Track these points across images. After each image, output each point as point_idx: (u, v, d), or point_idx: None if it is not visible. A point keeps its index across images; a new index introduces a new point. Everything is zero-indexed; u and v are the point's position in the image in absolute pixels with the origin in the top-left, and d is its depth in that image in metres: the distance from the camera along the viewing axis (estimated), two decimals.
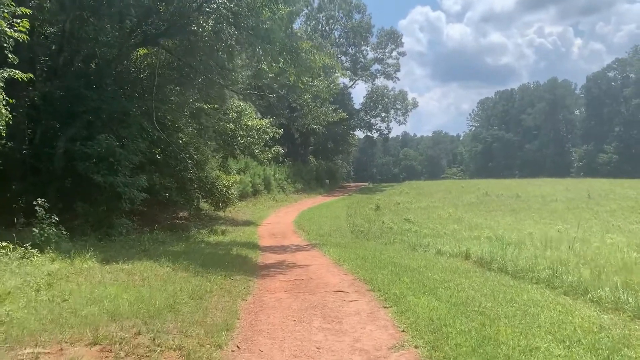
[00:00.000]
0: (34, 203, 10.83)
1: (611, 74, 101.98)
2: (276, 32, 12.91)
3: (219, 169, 24.90)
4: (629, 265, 9.24)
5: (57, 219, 10.81)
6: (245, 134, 25.96)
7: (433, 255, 12.91)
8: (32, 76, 9.34)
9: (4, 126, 9.43)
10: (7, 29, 8.92)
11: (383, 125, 68.36)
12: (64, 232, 11.05)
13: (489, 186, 46.08)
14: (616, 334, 5.53)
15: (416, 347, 5.28)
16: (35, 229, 10.43)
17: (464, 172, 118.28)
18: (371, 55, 64.69)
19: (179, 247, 13.60)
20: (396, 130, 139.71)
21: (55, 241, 10.56)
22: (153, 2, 14.68)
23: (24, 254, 9.21)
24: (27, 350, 4.50)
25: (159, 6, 15.02)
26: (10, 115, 9.59)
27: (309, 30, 55.40)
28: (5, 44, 9.05)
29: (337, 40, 62.61)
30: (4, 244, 9.17)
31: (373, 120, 67.47)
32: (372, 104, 65.78)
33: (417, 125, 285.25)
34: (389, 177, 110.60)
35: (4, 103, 9.28)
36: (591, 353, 4.93)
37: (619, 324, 6.00)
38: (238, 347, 5.36)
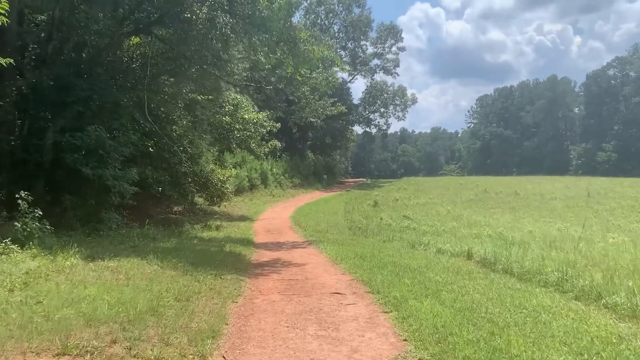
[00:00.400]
0: (16, 196, 10.31)
1: (611, 72, 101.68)
2: (273, 21, 12.37)
3: (214, 163, 24.41)
4: None
5: (40, 212, 10.27)
6: (241, 127, 25.42)
7: (433, 254, 12.45)
8: (11, 61, 8.78)
9: None
10: None
11: (382, 121, 68.01)
12: (48, 227, 10.52)
13: (487, 183, 45.76)
14: (638, 345, 5.07)
15: (420, 359, 4.81)
16: (17, 223, 9.91)
17: (462, 169, 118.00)
18: (370, 50, 64.25)
19: (170, 243, 13.10)
20: (394, 127, 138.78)
21: (38, 236, 10.04)
22: None
23: (2, 250, 8.71)
24: None
25: None
26: None
27: (308, 24, 54.81)
28: None
29: (337, 35, 61.95)
30: None
31: (372, 116, 67.02)
32: (371, 99, 65.25)
33: (416, 121, 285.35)
34: (387, 173, 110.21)
35: None
36: None
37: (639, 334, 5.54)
38: (224, 357, 4.87)
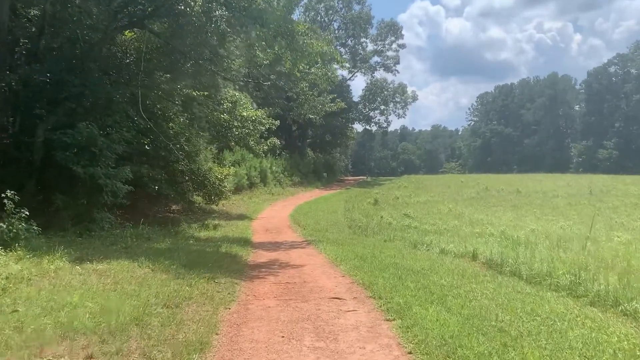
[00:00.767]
0: (2, 195, 9.88)
1: (612, 70, 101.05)
2: (270, 13, 11.94)
3: (213, 161, 23.99)
4: None
5: (27, 213, 9.84)
6: (240, 124, 24.96)
7: (437, 254, 12.03)
8: None
9: None
10: None
11: (382, 119, 67.50)
12: (35, 228, 10.09)
13: (488, 181, 45.40)
14: None
15: None
16: (2, 224, 9.49)
17: (463, 166, 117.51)
18: (370, 47, 63.75)
19: (165, 243, 12.67)
20: (395, 124, 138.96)
21: (25, 237, 9.63)
22: None
23: None
24: None
25: None
26: None
27: (307, 21, 54.31)
28: None
29: (336, 32, 61.45)
30: None
31: (372, 113, 66.54)
32: (371, 96, 64.77)
33: (416, 119, 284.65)
34: (387, 171, 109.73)
35: None
36: None
37: None
38: None
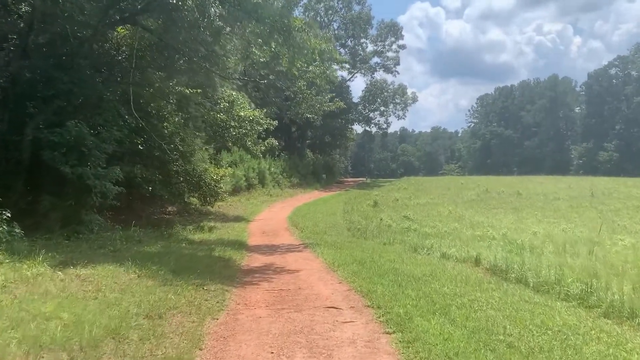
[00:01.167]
0: None
1: (613, 72, 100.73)
2: (265, 8, 11.49)
3: (210, 162, 23.55)
4: None
5: (9, 215, 9.40)
6: (237, 125, 24.53)
7: (437, 259, 11.58)
8: None
9: None
10: None
11: (382, 120, 66.90)
12: (17, 230, 9.64)
13: (488, 183, 45.09)
14: None
15: None
16: None
17: (462, 168, 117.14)
18: (370, 48, 63.22)
19: (156, 247, 12.20)
20: (394, 126, 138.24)
21: (6, 241, 9.19)
22: None
23: None
24: None
25: None
26: None
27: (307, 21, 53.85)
28: None
29: (336, 32, 60.98)
30: None
31: (372, 115, 65.94)
32: (371, 97, 64.23)
33: (416, 121, 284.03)
34: (386, 173, 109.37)
35: None
36: None
37: None
38: None
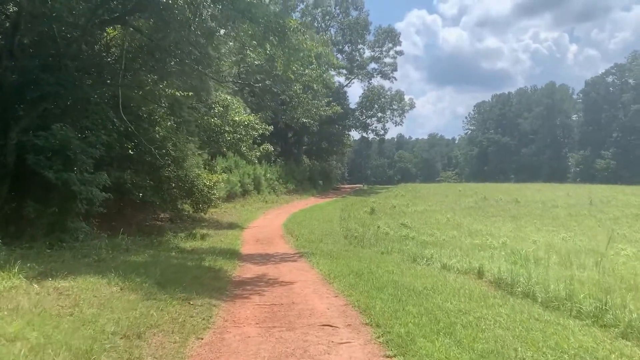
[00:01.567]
0: None
1: (610, 79, 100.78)
2: (259, 7, 11.04)
3: (204, 167, 23.05)
4: None
5: None
6: (231, 129, 24.05)
7: (438, 270, 11.09)
8: None
9: None
10: None
11: (379, 126, 66.51)
12: None
13: (486, 190, 44.79)
14: None
15: None
16: None
17: (459, 175, 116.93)
18: (368, 54, 63.03)
19: (143, 256, 11.63)
20: (391, 133, 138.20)
21: None
22: None
23: None
24: None
25: None
26: None
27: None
28: None
29: (334, 38, 60.72)
30: None
31: (369, 121, 65.56)
32: (368, 103, 63.86)
33: (413, 128, 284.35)
34: (383, 179, 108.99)
35: None
36: None
37: None
38: None
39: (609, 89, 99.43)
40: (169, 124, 18.41)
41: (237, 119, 24.00)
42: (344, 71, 61.13)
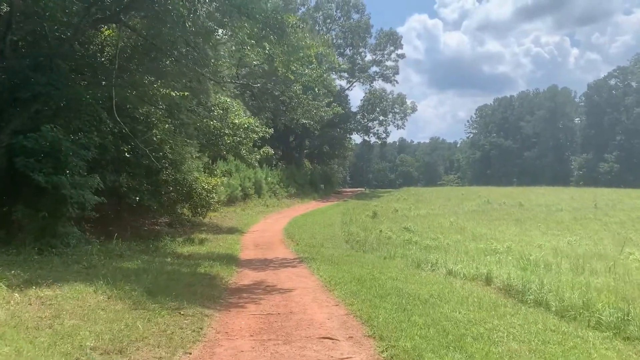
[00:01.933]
0: None
1: (612, 82, 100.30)
2: (255, 3, 10.61)
3: (203, 170, 22.61)
4: None
5: None
6: (231, 132, 23.62)
7: (444, 277, 10.64)
8: None
9: None
10: None
11: (381, 129, 65.95)
12: None
13: (489, 194, 44.41)
14: None
15: None
16: None
17: (461, 179, 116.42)
18: (369, 57, 62.62)
19: (136, 262, 11.17)
20: (393, 136, 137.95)
21: None
22: None
23: None
24: None
25: None
26: None
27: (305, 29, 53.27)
28: None
29: (335, 41, 60.36)
30: None
31: (370, 124, 65.05)
32: (369, 107, 63.36)
33: (414, 132, 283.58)
34: (385, 183, 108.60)
35: None
36: None
37: None
38: None
39: (611, 92, 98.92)
40: (166, 126, 17.98)
41: (236, 121, 23.58)
42: (345, 74, 60.82)
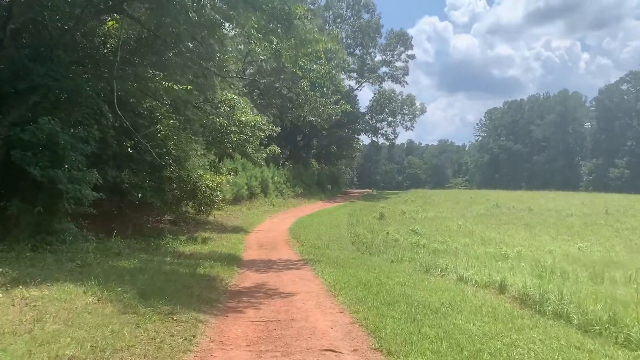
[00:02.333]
0: None
1: (624, 87, 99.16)
2: None
3: (208, 168, 22.20)
4: None
5: None
6: (238, 130, 23.21)
7: (454, 283, 10.13)
8: None
9: None
10: None
11: (389, 130, 65.33)
12: None
13: (498, 197, 43.86)
14: None
15: None
16: None
17: (469, 182, 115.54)
18: (379, 58, 62.12)
19: (134, 261, 10.71)
20: (401, 138, 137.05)
21: None
22: None
23: None
24: None
25: None
26: None
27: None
28: None
29: (345, 41, 59.85)
30: None
31: (379, 125, 64.47)
32: (378, 107, 62.80)
33: (422, 134, 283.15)
34: (392, 185, 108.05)
35: None
36: None
37: None
38: None
39: (623, 96, 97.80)
40: (171, 122, 17.57)
41: (243, 119, 23.20)
42: (355, 75, 60.35)
